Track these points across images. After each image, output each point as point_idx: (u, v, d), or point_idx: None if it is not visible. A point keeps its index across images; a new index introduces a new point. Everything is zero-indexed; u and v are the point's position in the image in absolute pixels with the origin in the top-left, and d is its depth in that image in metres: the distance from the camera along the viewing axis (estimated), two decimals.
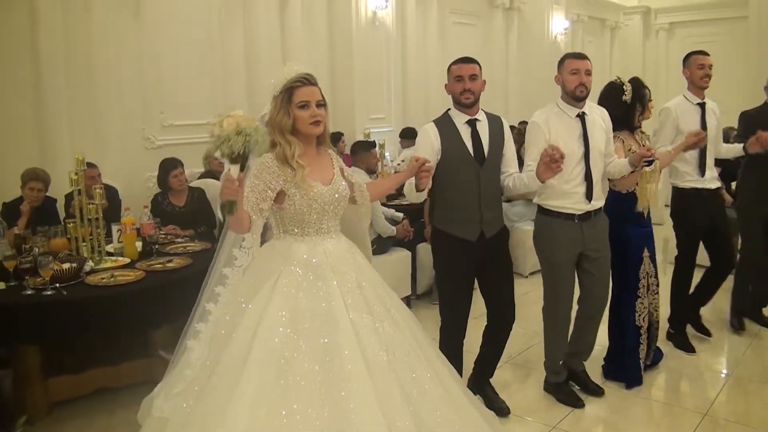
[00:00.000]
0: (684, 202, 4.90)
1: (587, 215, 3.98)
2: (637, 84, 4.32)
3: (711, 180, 4.86)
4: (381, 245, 5.58)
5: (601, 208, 4.07)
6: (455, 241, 3.78)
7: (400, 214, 5.90)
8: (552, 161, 3.42)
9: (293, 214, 2.82)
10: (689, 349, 4.96)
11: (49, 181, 5.20)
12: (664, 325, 4.98)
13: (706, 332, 5.23)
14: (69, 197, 5.31)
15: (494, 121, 3.85)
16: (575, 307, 4.20)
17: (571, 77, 3.91)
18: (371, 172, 6.09)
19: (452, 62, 3.87)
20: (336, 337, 2.59)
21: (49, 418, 4.03)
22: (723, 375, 4.68)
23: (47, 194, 5.22)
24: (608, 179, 4.26)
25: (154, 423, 2.84)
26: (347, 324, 2.63)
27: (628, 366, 4.40)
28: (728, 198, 6.92)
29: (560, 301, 4.11)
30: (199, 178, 6.13)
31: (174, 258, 4.43)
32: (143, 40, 6.48)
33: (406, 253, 5.83)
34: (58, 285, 3.82)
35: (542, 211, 4.09)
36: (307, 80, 2.83)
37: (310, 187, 2.77)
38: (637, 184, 4.21)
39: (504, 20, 10.93)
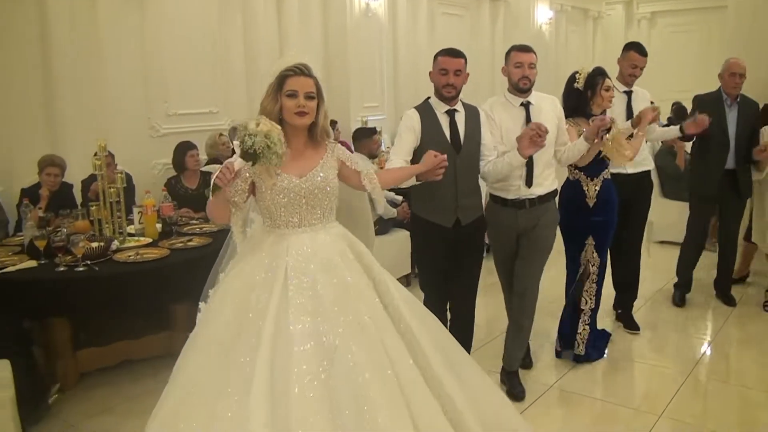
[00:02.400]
0: None
1: (521, 202, 4.00)
2: (593, 72, 4.39)
3: (633, 165, 4.83)
4: (382, 226, 5.95)
5: (544, 196, 4.04)
6: (432, 227, 3.85)
7: (400, 197, 6.20)
8: (537, 135, 3.56)
9: (263, 206, 2.83)
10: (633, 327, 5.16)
11: (65, 167, 5.45)
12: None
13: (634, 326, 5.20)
14: (86, 182, 5.58)
15: (471, 112, 3.90)
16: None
17: (516, 70, 3.99)
18: (372, 157, 6.38)
19: (440, 52, 3.86)
20: (260, 339, 2.51)
21: (79, 387, 4.31)
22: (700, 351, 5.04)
23: (64, 180, 5.47)
24: (569, 165, 4.35)
25: None
26: (270, 325, 2.54)
27: (562, 343, 4.66)
28: None
29: (503, 286, 4.30)
30: (205, 165, 6.37)
31: (194, 237, 4.69)
32: (147, 33, 6.69)
33: (405, 234, 6.00)
34: (89, 262, 4.09)
35: (490, 196, 4.18)
36: (301, 70, 2.80)
37: (272, 179, 2.73)
38: (600, 155, 4.24)
39: (491, 11, 11.20)
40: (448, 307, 4.03)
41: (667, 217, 7.21)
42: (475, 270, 4.05)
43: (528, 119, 3.96)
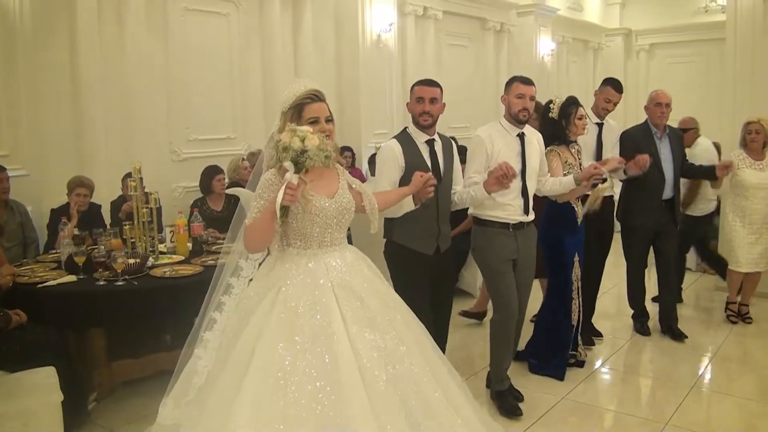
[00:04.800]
0: None
1: (521, 225, 4.22)
2: (566, 102, 4.65)
3: (602, 190, 5.06)
4: None
5: (532, 221, 4.31)
6: (412, 255, 3.95)
7: None
8: (504, 177, 3.68)
9: (296, 228, 2.85)
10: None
11: (93, 188, 5.69)
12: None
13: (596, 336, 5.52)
14: (115, 203, 5.85)
15: (446, 142, 4.08)
16: None
17: (517, 101, 4.13)
18: None
19: (416, 82, 4.06)
20: (333, 351, 2.60)
21: (115, 396, 4.53)
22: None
23: (91, 201, 5.71)
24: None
25: (161, 430, 2.87)
26: (345, 339, 2.65)
27: (557, 362, 4.76)
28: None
29: (509, 307, 4.24)
30: (227, 188, 6.61)
31: (223, 256, 4.93)
32: (171, 63, 6.97)
33: None
34: (127, 277, 4.33)
35: (478, 221, 4.28)
36: (317, 96, 2.91)
37: (311, 201, 2.79)
38: (578, 198, 4.62)
39: (495, 42, 11.47)
40: None
41: None
42: (451, 294, 4.27)
43: (523, 150, 4.17)
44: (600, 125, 5.33)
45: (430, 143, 3.98)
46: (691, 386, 4.63)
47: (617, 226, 5.71)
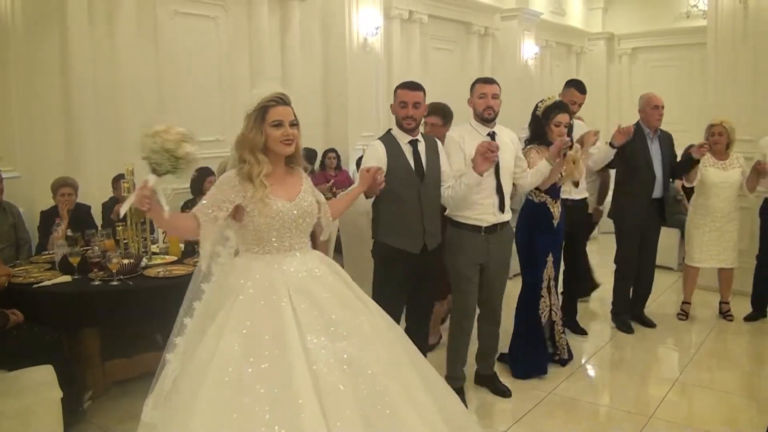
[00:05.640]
0: None
1: (493, 228, 4.28)
2: (552, 105, 4.69)
3: (578, 192, 5.36)
4: None
5: (508, 222, 4.38)
6: (398, 254, 4.03)
7: None
8: (488, 151, 3.81)
9: (253, 232, 2.86)
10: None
11: (77, 187, 5.71)
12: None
13: (582, 331, 5.74)
14: (106, 205, 5.90)
15: (430, 143, 4.14)
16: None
17: (480, 101, 4.24)
18: None
19: (399, 85, 4.11)
20: (285, 359, 2.58)
21: (109, 395, 4.59)
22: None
23: (80, 201, 5.74)
24: (531, 189, 4.65)
25: (145, 428, 2.83)
26: (298, 346, 2.61)
27: (533, 358, 4.84)
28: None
29: (466, 308, 4.38)
30: None
31: None
32: (160, 65, 7.05)
33: None
34: (122, 277, 4.39)
35: (452, 223, 4.35)
36: (282, 100, 2.86)
37: (269, 205, 2.79)
38: (560, 176, 4.61)
39: (479, 46, 11.61)
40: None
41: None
42: (435, 294, 4.38)
43: None
44: (570, 126, 5.36)
45: (414, 143, 4.07)
46: (674, 381, 4.76)
47: (609, 227, 5.90)
